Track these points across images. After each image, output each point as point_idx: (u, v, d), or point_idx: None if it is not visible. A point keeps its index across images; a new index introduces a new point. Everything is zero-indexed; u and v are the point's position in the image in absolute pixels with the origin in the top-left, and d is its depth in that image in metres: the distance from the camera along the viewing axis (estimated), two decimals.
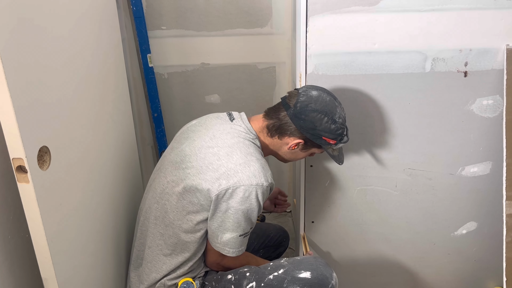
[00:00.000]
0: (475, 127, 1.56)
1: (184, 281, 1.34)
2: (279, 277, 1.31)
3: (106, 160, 1.38)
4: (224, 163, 1.26)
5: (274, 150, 1.40)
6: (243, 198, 1.24)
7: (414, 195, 1.66)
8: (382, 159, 1.61)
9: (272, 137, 1.37)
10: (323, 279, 1.31)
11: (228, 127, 1.35)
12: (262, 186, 1.25)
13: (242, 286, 1.32)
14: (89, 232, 1.23)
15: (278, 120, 1.34)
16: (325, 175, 1.63)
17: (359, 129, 1.56)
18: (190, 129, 1.42)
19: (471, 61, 1.47)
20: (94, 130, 1.30)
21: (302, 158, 1.44)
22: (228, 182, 1.23)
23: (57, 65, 1.07)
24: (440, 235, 1.73)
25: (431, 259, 1.78)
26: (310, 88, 1.35)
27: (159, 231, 1.34)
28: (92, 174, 1.26)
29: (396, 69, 1.48)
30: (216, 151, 1.28)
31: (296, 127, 1.32)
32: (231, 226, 1.27)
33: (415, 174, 1.63)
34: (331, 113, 1.31)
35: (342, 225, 1.71)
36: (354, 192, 1.66)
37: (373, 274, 1.81)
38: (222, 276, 1.37)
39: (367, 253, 1.76)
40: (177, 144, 1.39)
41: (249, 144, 1.31)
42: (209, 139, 1.32)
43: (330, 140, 1.33)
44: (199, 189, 1.26)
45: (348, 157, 1.61)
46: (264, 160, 1.32)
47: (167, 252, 1.34)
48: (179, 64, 2.07)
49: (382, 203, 1.68)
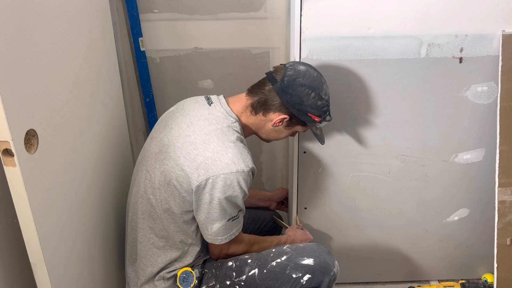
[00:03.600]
0: (469, 114, 1.56)
1: (183, 271, 1.33)
2: (282, 264, 1.31)
3: (97, 145, 1.36)
4: (201, 151, 1.23)
5: (257, 128, 1.37)
6: (225, 187, 1.22)
7: (407, 181, 1.66)
8: (376, 146, 1.60)
9: (256, 115, 1.34)
10: (326, 266, 1.31)
11: (206, 113, 1.31)
12: (243, 172, 1.23)
13: (244, 273, 1.31)
14: (79, 218, 1.22)
15: (263, 95, 1.31)
16: (318, 162, 1.62)
17: (352, 115, 1.55)
18: (168, 116, 1.39)
19: (466, 47, 1.46)
20: (84, 114, 1.28)
21: (284, 137, 1.42)
22: (207, 172, 1.21)
23: (45, 46, 1.04)
24: (432, 221, 1.74)
25: (423, 246, 1.79)
26: (297, 63, 1.33)
27: (148, 225, 1.32)
28: (82, 159, 1.24)
29: (391, 54, 1.46)
30: (193, 140, 1.25)
31: (282, 102, 1.29)
32: (217, 215, 1.25)
33: (408, 161, 1.63)
34: (318, 89, 1.29)
35: (334, 211, 1.71)
36: (347, 178, 1.65)
37: (366, 260, 1.81)
38: (223, 263, 1.36)
39: (360, 239, 1.77)
40: (156, 134, 1.36)
41: (226, 130, 1.28)
42: (186, 127, 1.29)
43: (315, 117, 1.31)
44: (179, 181, 1.24)
45: (341, 144, 1.60)
46: (242, 145, 1.29)
47: (160, 244, 1.32)
48: (171, 48, 2.03)
49: (375, 190, 1.68)
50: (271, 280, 1.30)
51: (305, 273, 1.29)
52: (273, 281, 1.30)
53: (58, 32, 1.11)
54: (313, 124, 1.35)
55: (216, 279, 1.33)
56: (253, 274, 1.31)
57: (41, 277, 1.01)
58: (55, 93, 1.09)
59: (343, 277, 1.84)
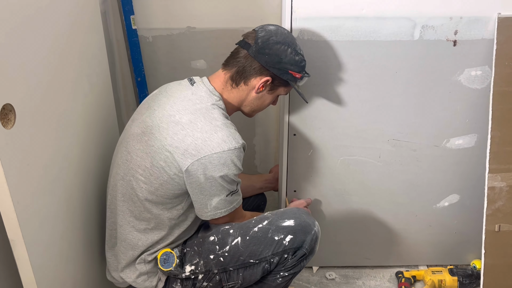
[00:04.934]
0: (462, 98, 1.53)
1: (163, 253, 1.32)
2: (264, 228, 1.31)
3: (82, 123, 1.35)
4: (190, 132, 1.22)
5: (240, 102, 1.36)
6: (219, 165, 1.21)
7: (397, 166, 1.65)
8: (366, 129, 1.58)
9: (238, 86, 1.32)
10: (306, 225, 1.31)
11: (189, 93, 1.30)
12: (235, 149, 1.23)
13: (227, 244, 1.31)
14: (60, 196, 1.20)
15: (241, 64, 1.30)
16: (308, 144, 1.61)
17: (343, 97, 1.53)
18: (151, 98, 1.37)
19: (461, 29, 1.43)
20: (69, 92, 1.26)
21: (268, 103, 1.40)
22: (199, 152, 1.20)
23: (26, 19, 1.01)
24: (422, 207, 1.73)
25: (412, 231, 1.79)
26: (266, 25, 1.33)
27: (128, 208, 1.31)
28: (65, 137, 1.23)
29: (384, 36, 1.43)
30: (178, 119, 1.24)
31: (261, 64, 1.28)
32: (215, 191, 1.25)
33: (399, 145, 1.61)
34: (293, 44, 1.30)
35: (324, 194, 1.70)
36: (337, 162, 1.64)
37: (354, 244, 1.81)
38: (204, 239, 1.36)
39: (349, 223, 1.76)
40: (138, 115, 1.34)
41: (211, 108, 1.27)
42: (170, 107, 1.27)
43: (296, 73, 1.31)
44: (167, 162, 1.22)
45: (332, 127, 1.58)
46: (229, 122, 1.28)
47: (141, 227, 1.31)
48: (164, 27, 2.00)
49: (365, 174, 1.66)
50: (254, 245, 1.30)
51: (287, 234, 1.29)
52: (256, 246, 1.30)
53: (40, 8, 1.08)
54: (295, 83, 1.35)
55: (199, 255, 1.33)
56: (236, 243, 1.31)
57: (20, 254, 1.01)
58: (36, 68, 1.07)
59: (331, 261, 1.86)
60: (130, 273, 1.34)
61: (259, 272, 1.32)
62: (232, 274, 1.33)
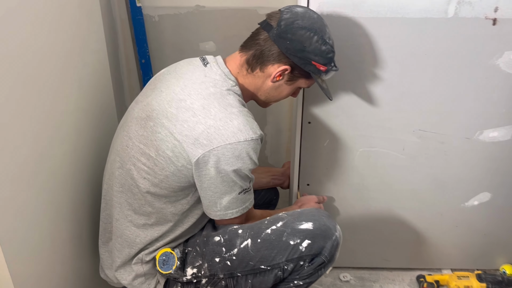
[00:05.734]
0: (499, 85, 1.37)
1: (163, 253, 1.19)
2: (278, 230, 1.16)
3: (72, 102, 1.22)
4: (201, 119, 1.08)
5: (255, 89, 1.22)
6: (233, 158, 1.08)
7: (423, 159, 1.50)
8: (389, 118, 1.43)
9: (253, 72, 1.18)
10: (326, 229, 1.16)
11: (201, 75, 1.16)
12: (252, 140, 1.09)
13: (235, 246, 1.17)
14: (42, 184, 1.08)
15: (259, 47, 1.16)
16: (324, 134, 1.46)
17: (365, 81, 1.38)
18: (158, 78, 1.23)
19: (502, 6, 1.26)
20: (56, 70, 1.13)
21: (285, 95, 1.26)
22: (211, 142, 1.07)
23: None
24: (449, 205, 1.59)
25: (436, 231, 1.64)
26: (294, 6, 1.17)
27: (127, 201, 1.18)
28: (48, 117, 1.10)
29: (413, 12, 1.28)
30: (189, 105, 1.11)
31: (281, 50, 1.14)
32: (226, 187, 1.12)
33: (425, 137, 1.46)
34: (321, 32, 1.13)
35: (340, 189, 1.57)
36: (356, 153, 1.50)
37: (372, 244, 1.68)
38: (208, 238, 1.22)
39: (367, 221, 1.63)
40: (143, 97, 1.21)
41: (227, 94, 1.13)
42: (180, 90, 1.14)
43: (320, 65, 1.15)
44: (175, 152, 1.09)
45: (351, 114, 1.43)
46: (246, 110, 1.15)
47: (140, 223, 1.18)
48: (171, 5, 1.87)
49: (387, 168, 1.52)
50: (266, 249, 1.16)
51: (304, 239, 1.14)
52: (268, 250, 1.16)
53: None
54: (318, 76, 1.19)
55: (202, 257, 1.20)
56: (246, 245, 1.17)
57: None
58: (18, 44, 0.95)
59: (346, 261, 1.72)
60: (126, 274, 1.21)
61: (271, 279, 1.17)
62: (240, 281, 1.19)
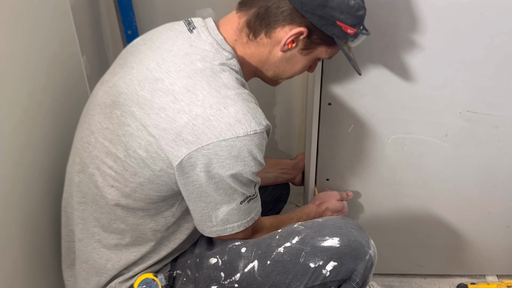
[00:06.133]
0: None
1: (142, 280, 0.92)
2: (293, 249, 0.90)
3: (25, 84, 0.96)
4: (185, 106, 0.81)
5: (259, 63, 0.94)
6: (230, 160, 0.82)
7: (471, 148, 1.23)
8: (431, 97, 1.16)
9: (256, 38, 0.90)
10: (358, 247, 0.90)
11: (185, 45, 0.88)
12: (255, 134, 0.82)
13: (238, 270, 0.92)
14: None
15: (263, 3, 0.87)
16: (347, 118, 1.20)
17: (400, 52, 1.10)
18: (129, 50, 0.95)
19: None
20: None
21: (301, 69, 0.97)
22: (199, 139, 0.80)
23: None
24: (499, 202, 1.34)
25: (482, 232, 1.41)
26: None
27: (92, 215, 0.92)
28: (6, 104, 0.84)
29: None
30: (168, 86, 0.83)
31: (294, 5, 0.86)
32: (223, 198, 0.87)
33: (475, 119, 1.19)
34: None
35: (367, 185, 1.32)
36: (387, 141, 1.24)
37: (404, 247, 1.46)
38: (203, 259, 0.95)
39: (398, 221, 1.39)
40: (109, 76, 0.93)
41: (220, 70, 0.85)
42: (156, 66, 0.86)
43: (347, 26, 0.88)
44: (149, 152, 0.83)
45: (382, 93, 1.16)
46: (247, 92, 0.87)
47: (111, 243, 0.93)
48: None
49: (425, 158, 1.27)
50: (278, 274, 0.90)
51: (328, 260, 0.88)
52: (281, 275, 0.90)
53: None
54: (344, 42, 0.91)
55: (195, 284, 0.94)
56: (251, 269, 0.91)
57: None
58: None
59: (376, 267, 1.49)
60: None
61: None
62: None
